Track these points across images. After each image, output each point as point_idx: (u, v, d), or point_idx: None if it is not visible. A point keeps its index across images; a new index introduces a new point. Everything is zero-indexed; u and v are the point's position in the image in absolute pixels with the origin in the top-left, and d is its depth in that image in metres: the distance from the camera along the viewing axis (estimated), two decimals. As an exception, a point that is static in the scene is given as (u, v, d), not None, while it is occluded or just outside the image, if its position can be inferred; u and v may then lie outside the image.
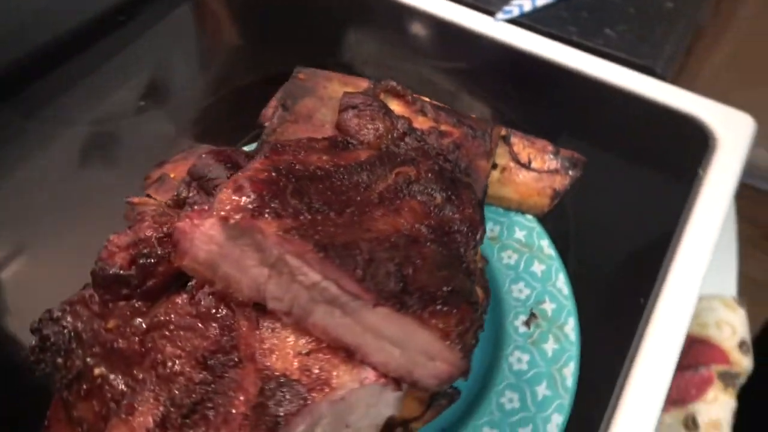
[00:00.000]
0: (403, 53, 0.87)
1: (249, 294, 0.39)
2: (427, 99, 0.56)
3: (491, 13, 0.87)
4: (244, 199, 0.35)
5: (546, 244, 0.53)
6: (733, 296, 0.69)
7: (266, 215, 0.35)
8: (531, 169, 0.58)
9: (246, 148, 0.60)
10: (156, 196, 0.57)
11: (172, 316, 0.43)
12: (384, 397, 0.41)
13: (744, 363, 0.64)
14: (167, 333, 0.43)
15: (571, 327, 0.49)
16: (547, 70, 0.80)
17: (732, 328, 0.68)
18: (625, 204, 0.69)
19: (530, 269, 0.53)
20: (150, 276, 0.43)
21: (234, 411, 0.40)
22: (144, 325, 0.43)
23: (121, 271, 0.43)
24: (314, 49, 0.85)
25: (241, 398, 0.40)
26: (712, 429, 0.61)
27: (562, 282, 0.51)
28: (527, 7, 0.86)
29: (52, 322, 0.45)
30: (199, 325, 0.42)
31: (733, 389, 0.64)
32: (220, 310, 0.42)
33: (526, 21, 0.86)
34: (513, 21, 0.86)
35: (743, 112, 0.74)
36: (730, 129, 0.72)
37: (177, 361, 0.42)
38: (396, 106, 0.54)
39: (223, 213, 0.35)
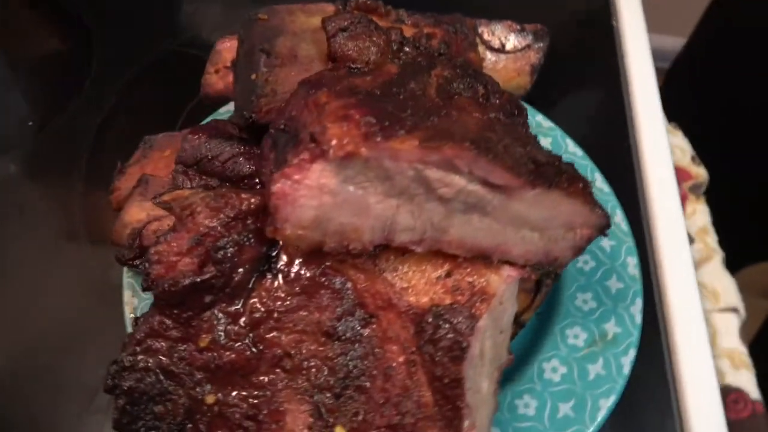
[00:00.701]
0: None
1: (371, 238, 0.35)
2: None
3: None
4: (361, 126, 0.31)
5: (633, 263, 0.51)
6: (670, 124, 0.78)
7: (397, 132, 0.31)
8: (506, 51, 0.58)
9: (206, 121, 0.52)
10: (141, 203, 0.48)
11: (275, 303, 0.37)
12: (515, 293, 0.40)
13: (701, 172, 0.74)
14: (276, 323, 0.37)
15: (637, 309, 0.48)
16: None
17: (680, 149, 0.76)
18: (563, 58, 0.73)
19: None
20: (235, 269, 0.37)
21: (393, 364, 0.36)
22: (246, 326, 0.37)
23: (198, 278, 0.36)
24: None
25: (394, 348, 0.36)
26: (703, 235, 0.70)
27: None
28: None
29: (127, 371, 0.37)
30: (309, 299, 0.38)
31: (702, 197, 0.73)
32: (325, 275, 0.37)
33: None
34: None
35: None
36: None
37: (301, 347, 0.37)
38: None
39: (341, 151, 0.30)
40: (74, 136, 0.63)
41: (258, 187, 0.42)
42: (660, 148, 0.63)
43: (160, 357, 0.37)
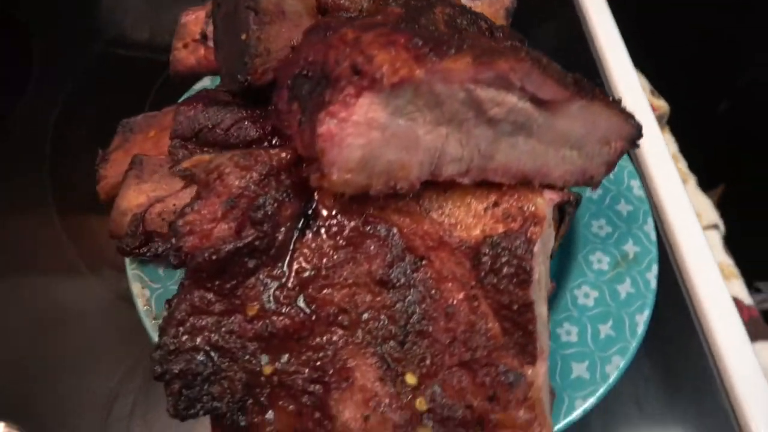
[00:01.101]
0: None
1: (418, 174, 0.34)
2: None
3: None
4: (410, 48, 0.29)
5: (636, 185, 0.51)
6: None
7: (448, 52, 0.29)
8: (479, -1, 0.58)
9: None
10: (139, 186, 0.44)
11: (322, 259, 0.35)
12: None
13: (662, 104, 0.77)
14: (325, 280, 0.35)
15: (650, 227, 0.49)
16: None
17: (641, 86, 0.79)
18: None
19: None
20: (277, 228, 0.34)
21: (453, 302, 0.35)
22: (294, 288, 0.35)
23: (240, 243, 0.34)
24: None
25: (452, 286, 0.35)
26: (676, 161, 0.73)
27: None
28: None
29: (173, 355, 0.34)
30: (355, 251, 0.36)
31: (666, 127, 0.77)
32: (368, 223, 0.36)
33: None
34: None
35: None
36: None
37: (356, 300, 0.35)
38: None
39: (396, 76, 0.29)
40: (32, 134, 0.57)
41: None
42: (629, 79, 0.65)
43: (208, 334, 0.34)
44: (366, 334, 0.35)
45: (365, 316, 0.35)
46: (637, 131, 0.37)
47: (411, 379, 0.34)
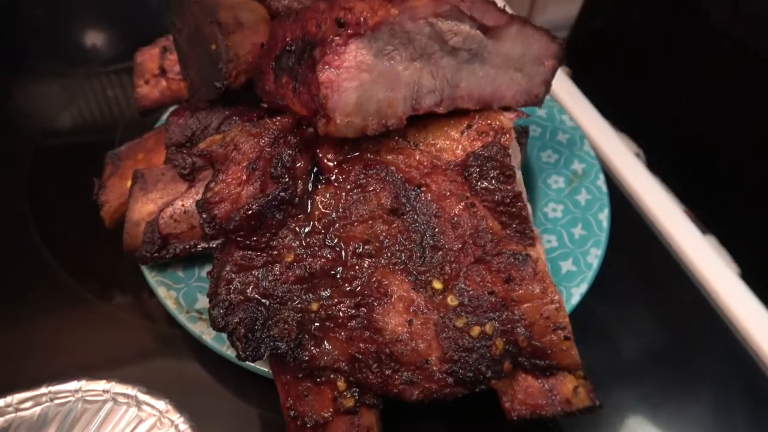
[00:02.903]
0: None
1: (403, 109, 0.40)
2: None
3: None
4: (377, -2, 0.36)
5: (567, 118, 0.59)
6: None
7: (408, -7, 0.36)
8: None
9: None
10: (146, 196, 0.48)
11: (338, 204, 0.40)
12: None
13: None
14: (345, 220, 0.40)
15: (588, 146, 0.57)
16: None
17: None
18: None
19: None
20: (296, 179, 0.39)
21: (456, 211, 0.41)
22: (320, 232, 0.40)
23: (268, 197, 0.38)
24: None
25: (452, 201, 0.41)
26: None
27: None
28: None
29: (231, 308, 0.37)
30: (363, 192, 0.41)
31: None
32: (368, 166, 0.41)
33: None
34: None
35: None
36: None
37: (374, 230, 0.40)
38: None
39: (375, 17, 0.35)
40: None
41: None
42: None
43: (255, 285, 0.38)
44: (391, 256, 0.40)
45: (386, 242, 0.40)
46: (560, 48, 0.45)
47: (437, 284, 0.40)
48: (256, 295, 0.38)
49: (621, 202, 0.61)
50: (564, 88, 0.72)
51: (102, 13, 0.87)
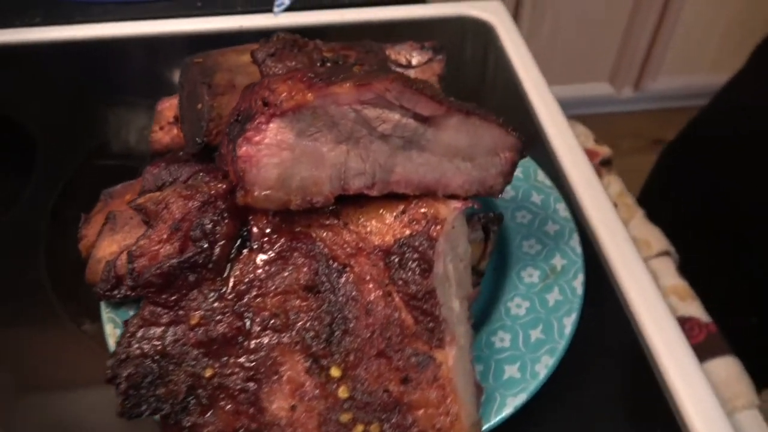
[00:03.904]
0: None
1: (330, 188, 0.40)
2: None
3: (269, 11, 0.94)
4: (304, 79, 0.37)
5: (562, 207, 0.56)
6: (570, 119, 0.89)
7: (335, 81, 0.36)
8: (413, 66, 0.67)
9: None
10: (112, 236, 0.51)
11: (255, 272, 0.41)
12: (465, 229, 0.45)
13: (605, 149, 0.83)
14: (258, 290, 0.40)
15: (576, 242, 0.53)
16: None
17: (583, 135, 0.86)
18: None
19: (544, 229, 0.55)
20: (214, 245, 0.40)
21: (372, 298, 0.40)
22: (231, 298, 0.40)
23: (182, 257, 0.39)
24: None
25: (370, 287, 0.40)
26: (622, 198, 0.78)
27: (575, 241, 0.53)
28: (294, -6, 0.96)
29: (125, 361, 0.38)
30: (285, 263, 0.41)
31: (612, 169, 0.82)
32: (296, 239, 0.41)
33: (298, 5, 0.96)
34: (289, 9, 0.95)
35: (492, 1, 0.95)
36: (493, 13, 0.92)
37: (285, 305, 0.40)
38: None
39: (292, 101, 0.36)
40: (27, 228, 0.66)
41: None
42: (554, 113, 0.72)
43: (155, 342, 0.39)
44: (295, 334, 0.40)
45: (294, 318, 0.40)
46: (519, 141, 0.43)
47: (336, 371, 0.38)
48: (153, 353, 0.39)
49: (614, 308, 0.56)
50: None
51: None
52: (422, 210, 0.41)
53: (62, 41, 0.90)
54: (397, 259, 0.40)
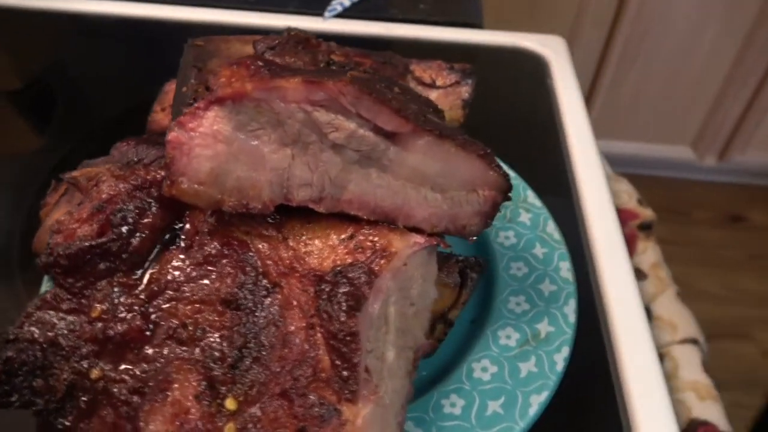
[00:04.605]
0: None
1: (270, 195, 0.35)
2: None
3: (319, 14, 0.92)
4: (250, 67, 0.32)
5: (565, 266, 0.49)
6: (611, 172, 0.80)
7: (284, 73, 0.32)
8: (437, 87, 0.61)
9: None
10: (71, 204, 0.48)
11: (175, 273, 0.36)
12: (429, 270, 0.39)
13: (648, 212, 0.74)
14: (174, 294, 0.36)
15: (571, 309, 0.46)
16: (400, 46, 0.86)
17: (627, 193, 0.78)
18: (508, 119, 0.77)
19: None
20: (133, 234, 0.36)
21: (293, 328, 0.34)
22: (142, 296, 0.36)
23: (94, 242, 0.36)
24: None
25: (295, 314, 0.35)
26: (655, 269, 0.69)
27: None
28: (347, 2, 0.93)
29: (10, 342, 0.35)
30: (210, 269, 0.36)
31: (652, 235, 0.73)
32: (230, 245, 0.37)
33: (351, 14, 0.92)
34: (340, 15, 0.92)
35: (554, 36, 0.88)
36: (551, 48, 0.86)
37: (198, 317, 0.35)
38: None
39: (229, 89, 0.31)
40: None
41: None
42: (593, 165, 0.64)
43: (48, 331, 0.35)
44: (200, 351, 0.34)
45: (202, 333, 0.35)
46: (505, 182, 0.37)
47: (231, 404, 0.33)
48: (43, 340, 0.35)
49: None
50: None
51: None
52: (372, 238, 0.35)
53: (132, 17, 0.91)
54: (327, 288, 0.34)
